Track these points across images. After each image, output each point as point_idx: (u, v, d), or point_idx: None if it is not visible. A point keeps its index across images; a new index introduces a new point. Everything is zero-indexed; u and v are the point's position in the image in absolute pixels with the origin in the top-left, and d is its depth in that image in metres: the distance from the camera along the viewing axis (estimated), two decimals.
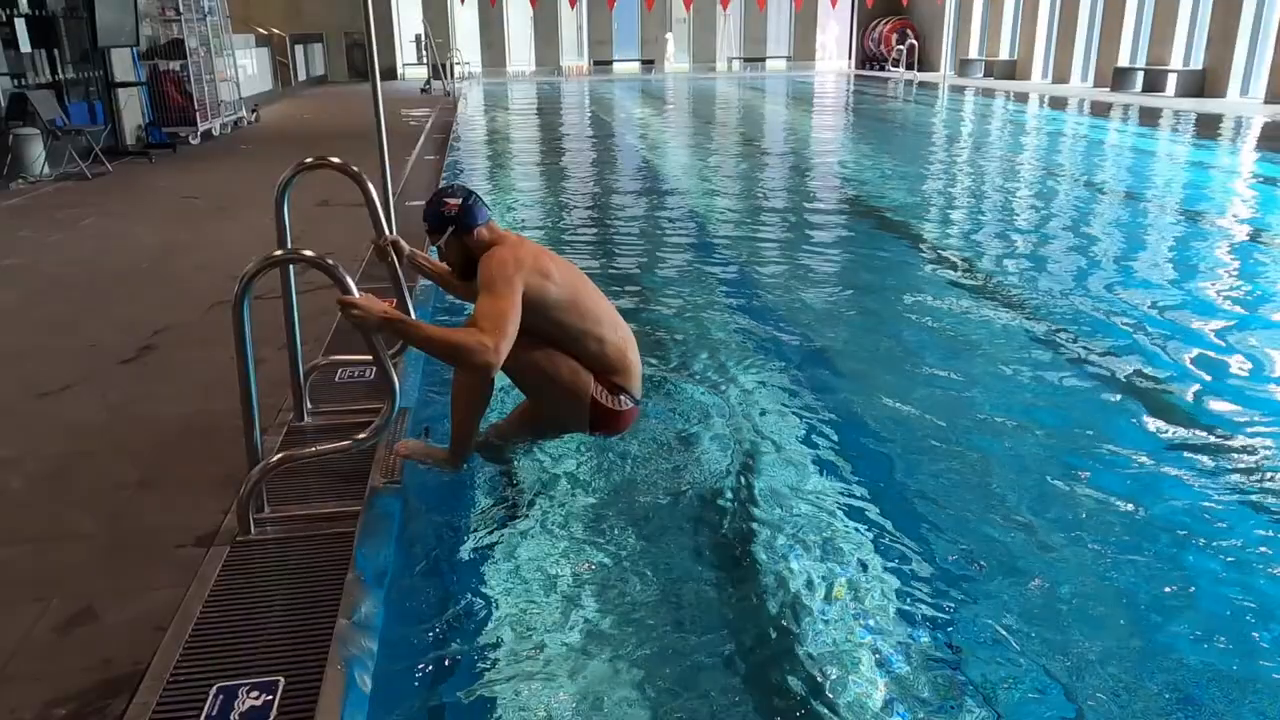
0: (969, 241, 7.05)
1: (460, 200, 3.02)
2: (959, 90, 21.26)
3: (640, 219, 7.98)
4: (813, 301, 5.35)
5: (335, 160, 3.17)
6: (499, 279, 2.80)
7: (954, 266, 6.16)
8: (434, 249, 3.16)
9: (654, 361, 4.23)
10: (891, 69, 26.46)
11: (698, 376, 4.09)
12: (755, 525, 2.90)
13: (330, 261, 2.50)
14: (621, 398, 3.16)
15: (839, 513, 2.98)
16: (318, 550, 2.58)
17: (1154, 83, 18.35)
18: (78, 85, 10.49)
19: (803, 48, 30.72)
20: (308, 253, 2.52)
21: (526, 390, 3.20)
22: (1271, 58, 16.15)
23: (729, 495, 3.08)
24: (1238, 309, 5.12)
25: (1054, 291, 5.53)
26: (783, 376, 4.11)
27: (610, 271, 6.05)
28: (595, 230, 7.49)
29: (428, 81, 22.18)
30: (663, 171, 10.90)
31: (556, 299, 2.97)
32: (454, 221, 3.00)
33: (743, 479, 3.18)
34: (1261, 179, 9.71)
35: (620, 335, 3.18)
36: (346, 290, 2.52)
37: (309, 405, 3.46)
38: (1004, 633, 2.40)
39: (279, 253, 2.57)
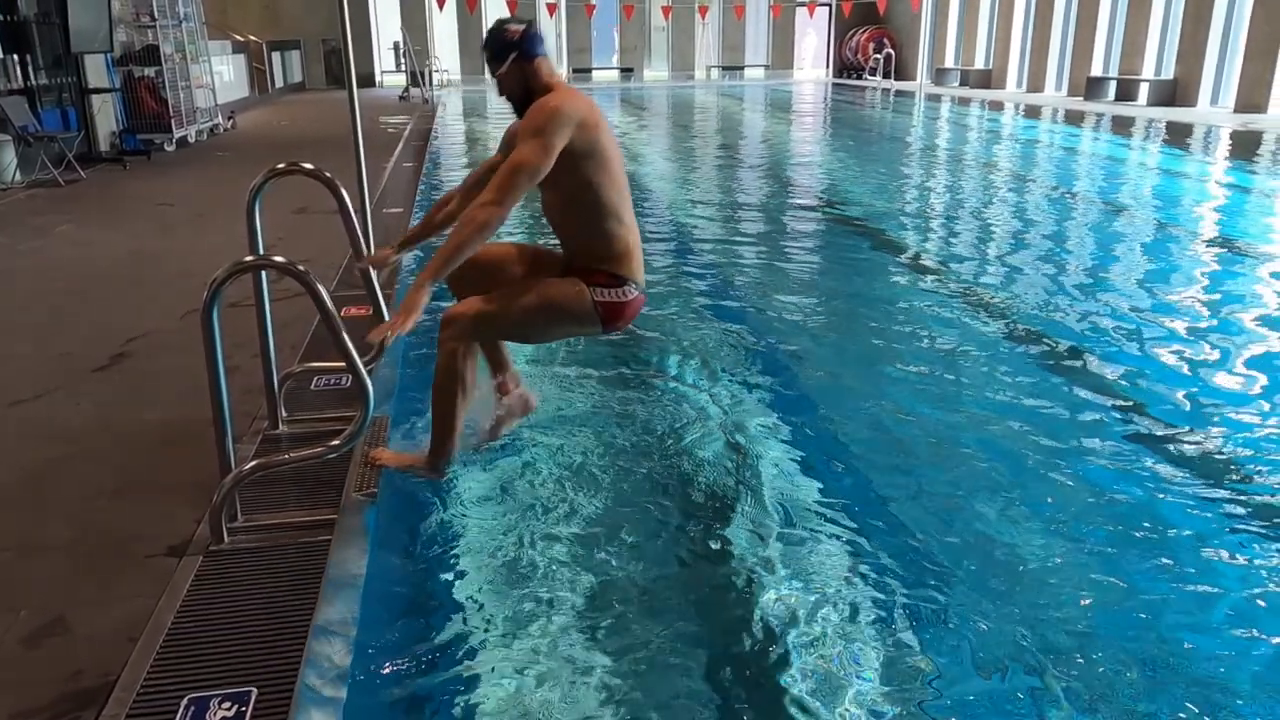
0: (945, 246, 7.11)
1: (523, 28, 2.98)
2: (935, 99, 21.43)
3: None
4: (789, 303, 5.38)
5: (307, 166, 3.16)
6: (541, 131, 2.76)
7: (929, 270, 6.21)
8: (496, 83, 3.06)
9: (632, 363, 4.24)
10: (869, 78, 26.64)
11: (678, 378, 4.11)
12: (735, 529, 2.91)
13: (301, 268, 2.48)
14: (626, 288, 3.05)
15: (817, 515, 2.99)
16: (291, 559, 2.56)
17: (1126, 92, 18.57)
18: (50, 91, 10.38)
19: (781, 56, 30.87)
20: (278, 258, 2.51)
21: (539, 333, 3.23)
22: (1240, 69, 16.42)
23: (709, 497, 3.09)
24: (1206, 312, 5.18)
25: (1028, 294, 5.60)
26: (760, 378, 4.13)
27: None
28: None
29: (406, 89, 22.11)
30: (641, 177, 10.92)
31: (603, 153, 2.90)
32: (516, 48, 2.94)
33: (722, 481, 3.19)
34: (1231, 186, 9.85)
35: (632, 222, 3.09)
36: (318, 297, 2.50)
37: (284, 413, 3.44)
38: (981, 633, 2.42)
39: (249, 258, 2.56)
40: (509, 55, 2.95)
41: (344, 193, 3.22)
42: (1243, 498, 3.13)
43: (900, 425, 3.70)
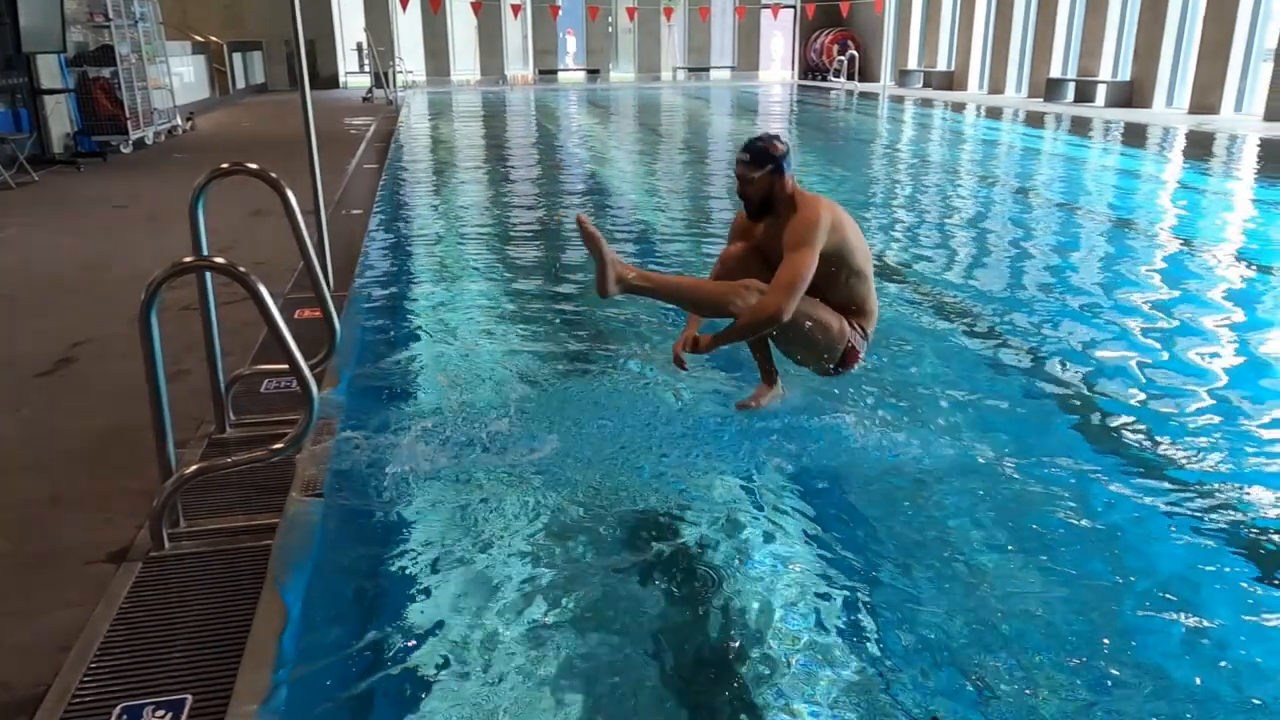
0: (910, 246, 7.16)
1: (785, 146, 3.36)
2: (899, 100, 21.63)
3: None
4: None
5: (252, 166, 3.11)
6: (808, 242, 3.21)
7: (895, 271, 6.25)
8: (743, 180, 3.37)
9: (596, 361, 4.23)
10: (833, 79, 26.82)
11: (643, 376, 4.09)
12: (700, 531, 2.89)
13: (242, 269, 2.44)
14: (865, 342, 3.52)
15: (783, 513, 2.99)
16: (233, 564, 2.52)
17: (1084, 93, 18.86)
18: (2, 92, 10.18)
19: (746, 58, 31.00)
20: (219, 260, 2.47)
21: (799, 337, 3.43)
22: (1194, 71, 16.73)
23: (675, 498, 3.06)
24: (1164, 311, 5.26)
25: (991, 295, 5.65)
26: (728, 383, 4.11)
27: (557, 274, 6.03)
28: (540, 236, 7.46)
29: (370, 90, 21.94)
30: (606, 177, 10.91)
31: (855, 246, 3.38)
32: (775, 162, 3.31)
33: (689, 481, 3.17)
34: (1187, 186, 10.03)
35: (873, 288, 3.54)
36: (260, 299, 2.46)
37: (232, 417, 3.39)
38: (942, 638, 2.42)
39: (188, 259, 2.52)
40: (767, 165, 3.31)
41: (289, 193, 3.18)
42: (1206, 497, 3.18)
43: (868, 419, 3.68)
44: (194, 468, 2.65)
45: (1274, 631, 2.48)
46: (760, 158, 3.31)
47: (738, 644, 2.39)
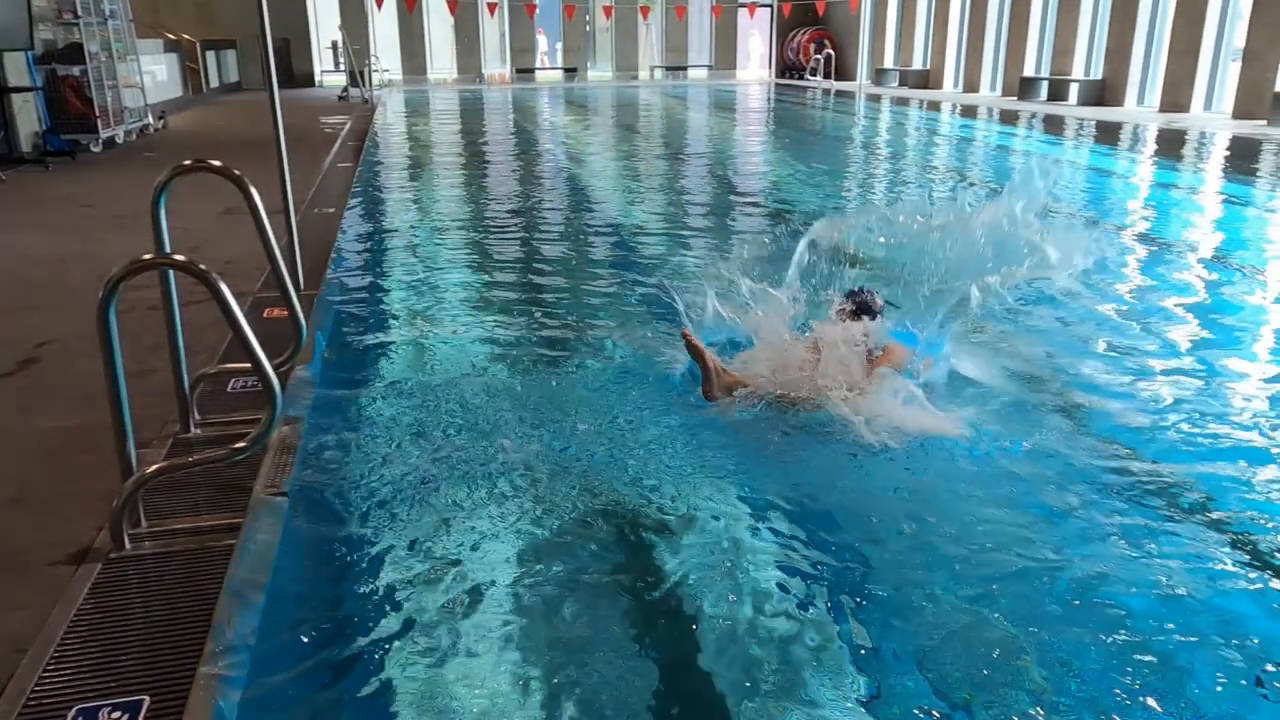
0: (888, 239, 7.17)
1: (882, 303, 4.10)
2: (875, 99, 21.72)
3: (560, 223, 7.96)
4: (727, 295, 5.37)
5: (215, 163, 3.09)
6: (898, 366, 3.72)
7: (865, 263, 6.27)
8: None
9: (577, 363, 4.22)
10: (810, 78, 26.90)
11: (616, 372, 4.08)
12: (666, 530, 2.89)
13: (203, 267, 2.41)
14: None
15: (753, 521, 2.99)
16: (194, 564, 2.50)
17: (1057, 92, 19.04)
18: None
19: (724, 57, 31.05)
20: (179, 258, 2.44)
21: None
22: (1165, 70, 16.93)
23: (644, 498, 3.06)
24: (1138, 309, 5.30)
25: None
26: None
27: (531, 273, 6.02)
28: (516, 233, 7.43)
29: (345, 88, 21.80)
30: (582, 176, 10.89)
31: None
32: (871, 314, 3.96)
33: (659, 481, 3.16)
34: (1158, 185, 10.14)
35: None
36: (220, 296, 2.43)
37: (197, 416, 3.35)
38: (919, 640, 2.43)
39: (148, 257, 2.49)
40: (863, 316, 3.92)
41: (253, 190, 3.15)
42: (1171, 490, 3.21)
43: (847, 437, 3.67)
44: (154, 467, 2.62)
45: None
46: (862, 310, 3.96)
47: (725, 642, 2.38)
